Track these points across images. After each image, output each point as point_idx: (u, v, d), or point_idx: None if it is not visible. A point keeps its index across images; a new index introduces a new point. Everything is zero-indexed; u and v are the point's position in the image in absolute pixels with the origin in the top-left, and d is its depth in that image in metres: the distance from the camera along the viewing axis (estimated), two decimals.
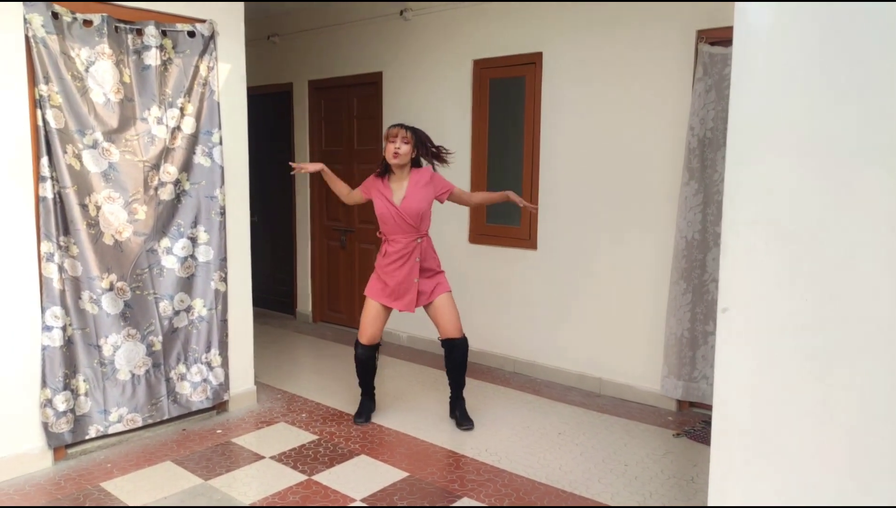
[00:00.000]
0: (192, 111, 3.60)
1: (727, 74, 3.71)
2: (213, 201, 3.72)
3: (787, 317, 1.49)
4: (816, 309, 1.45)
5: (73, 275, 3.26)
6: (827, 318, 1.45)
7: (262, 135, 6.03)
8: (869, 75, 1.35)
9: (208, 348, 3.80)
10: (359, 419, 3.89)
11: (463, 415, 3.83)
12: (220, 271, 3.78)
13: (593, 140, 4.34)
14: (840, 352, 1.45)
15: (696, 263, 3.91)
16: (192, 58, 3.58)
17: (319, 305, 6.33)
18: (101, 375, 3.39)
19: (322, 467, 3.31)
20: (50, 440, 3.23)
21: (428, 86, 5.17)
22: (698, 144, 3.82)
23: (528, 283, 4.76)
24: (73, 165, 3.19)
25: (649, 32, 4.04)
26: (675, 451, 3.53)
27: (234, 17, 3.83)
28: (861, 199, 1.37)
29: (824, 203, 1.42)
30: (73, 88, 3.16)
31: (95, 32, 3.23)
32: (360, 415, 3.91)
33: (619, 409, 4.14)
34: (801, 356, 1.49)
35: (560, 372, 4.63)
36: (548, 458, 3.43)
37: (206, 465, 3.32)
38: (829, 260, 1.43)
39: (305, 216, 6.29)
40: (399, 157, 3.54)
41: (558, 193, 4.54)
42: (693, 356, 3.99)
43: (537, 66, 4.55)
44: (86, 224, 3.26)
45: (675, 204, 3.98)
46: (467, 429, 3.77)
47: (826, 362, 1.46)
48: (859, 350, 1.41)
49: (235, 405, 4.03)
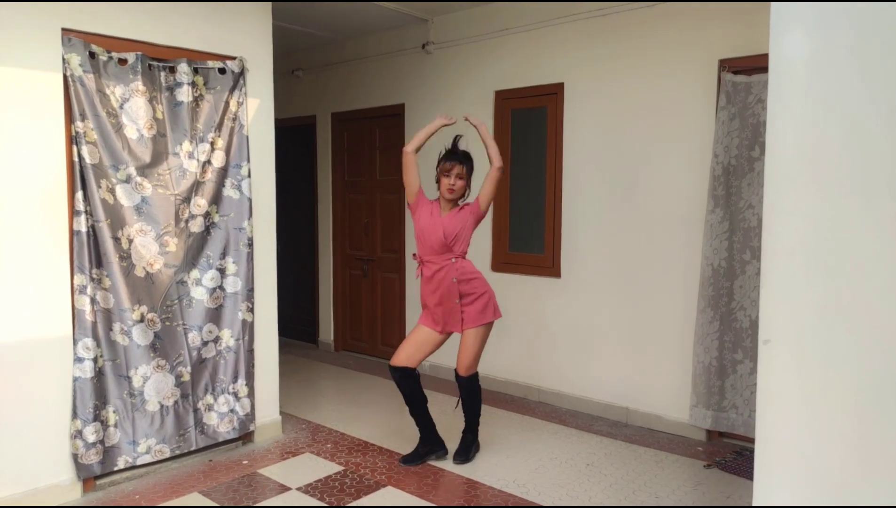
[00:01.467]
0: (223, 145, 3.67)
1: (750, 102, 3.72)
2: (242, 233, 3.77)
3: (829, 349, 1.48)
4: (859, 341, 1.44)
5: (105, 307, 3.30)
6: (870, 350, 1.43)
7: (285, 166, 6.12)
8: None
9: (235, 378, 3.82)
10: (407, 461, 3.70)
11: (460, 448, 3.75)
12: (247, 302, 3.82)
13: (616, 168, 4.36)
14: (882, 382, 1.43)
15: (723, 290, 3.88)
16: (223, 94, 3.66)
17: (341, 334, 6.34)
18: (131, 406, 3.41)
19: (349, 498, 3.29)
20: (80, 472, 3.24)
21: None
22: (723, 172, 3.82)
23: (551, 311, 4.74)
24: (107, 199, 3.26)
25: (671, 62, 4.07)
26: (707, 483, 3.46)
27: (264, 53, 3.92)
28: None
29: (865, 233, 1.42)
30: (107, 124, 3.24)
31: (130, 70, 3.32)
32: (410, 458, 3.71)
33: (647, 439, 4.08)
34: (845, 387, 1.47)
35: (586, 402, 4.58)
36: (577, 490, 3.38)
37: (232, 496, 3.31)
38: (871, 291, 1.41)
39: (328, 245, 6.34)
40: (454, 192, 3.54)
41: (581, 221, 4.54)
42: (722, 386, 3.94)
43: (559, 96, 4.59)
44: (118, 257, 3.31)
45: (701, 232, 3.96)
46: (458, 462, 3.69)
47: (869, 395, 1.44)
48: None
49: (261, 436, 4.03)
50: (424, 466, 3.67)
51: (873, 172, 1.41)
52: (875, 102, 1.40)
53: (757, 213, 3.74)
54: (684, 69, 4.02)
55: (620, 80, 4.30)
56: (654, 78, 4.15)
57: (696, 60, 3.97)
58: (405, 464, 3.68)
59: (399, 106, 5.58)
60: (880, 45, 1.39)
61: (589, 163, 4.48)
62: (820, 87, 1.48)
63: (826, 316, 1.48)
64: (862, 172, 1.43)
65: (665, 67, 4.10)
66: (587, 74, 4.45)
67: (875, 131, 1.40)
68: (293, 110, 6.47)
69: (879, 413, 1.44)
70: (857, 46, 1.43)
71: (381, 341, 6.01)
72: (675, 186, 4.10)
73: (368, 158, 5.98)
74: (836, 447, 1.51)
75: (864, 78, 1.43)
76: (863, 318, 1.44)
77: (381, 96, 5.73)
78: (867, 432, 1.46)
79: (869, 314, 1.43)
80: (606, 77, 4.36)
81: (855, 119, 1.42)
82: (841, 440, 1.50)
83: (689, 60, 3.99)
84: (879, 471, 1.45)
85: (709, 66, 3.92)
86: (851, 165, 1.44)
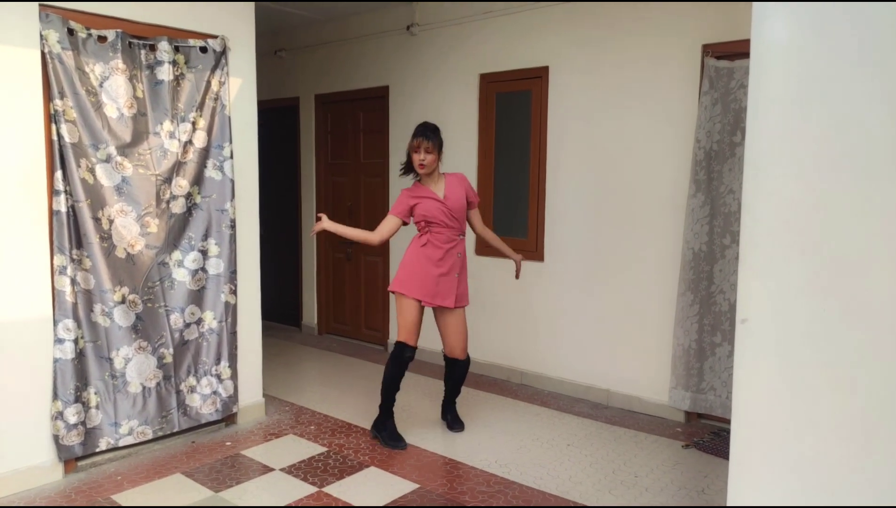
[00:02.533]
0: (204, 125, 3.63)
1: (733, 87, 3.75)
2: (224, 214, 3.74)
3: (805, 327, 1.51)
4: (835, 319, 1.47)
5: (86, 288, 3.28)
6: (845, 327, 1.47)
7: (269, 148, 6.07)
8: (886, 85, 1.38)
9: (218, 360, 3.81)
10: (401, 444, 3.69)
11: (455, 418, 3.97)
12: (230, 284, 3.80)
13: (600, 153, 4.38)
14: (859, 361, 1.46)
15: (703, 274, 3.93)
16: (204, 73, 3.62)
17: (325, 317, 6.34)
18: (113, 387, 3.40)
19: (332, 479, 3.31)
20: (60, 453, 3.23)
21: (434, 100, 5.22)
22: (705, 157, 3.85)
23: (535, 294, 4.77)
24: (87, 178, 3.22)
25: (655, 47, 4.09)
26: (685, 462, 3.53)
27: (246, 32, 3.88)
28: (881, 208, 1.39)
29: (843, 213, 1.44)
30: (87, 102, 3.20)
31: (109, 48, 3.27)
32: (400, 439, 3.71)
33: (627, 420, 4.14)
34: (819, 365, 1.50)
35: (568, 384, 4.63)
36: (557, 469, 3.43)
37: (215, 477, 3.32)
38: (847, 270, 1.45)
39: (311, 228, 6.31)
40: (425, 167, 3.58)
41: (565, 204, 4.57)
42: (701, 368, 4.00)
43: (543, 79, 4.59)
44: (98, 237, 3.28)
45: (682, 216, 4.00)
46: (458, 431, 3.90)
47: (844, 371, 1.48)
48: (878, 359, 1.43)
49: (244, 418, 4.03)
50: (409, 447, 3.70)
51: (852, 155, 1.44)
52: (853, 86, 1.42)
53: (737, 198, 3.78)
54: (668, 54, 4.04)
55: (605, 64, 4.30)
56: (639, 63, 4.16)
57: (679, 45, 3.99)
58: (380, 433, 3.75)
59: (383, 88, 5.55)
60: (859, 30, 1.41)
61: (573, 147, 4.50)
62: (800, 71, 1.51)
63: (803, 296, 1.51)
64: (841, 155, 1.46)
65: (649, 52, 4.11)
66: (572, 57, 4.45)
67: (853, 115, 1.43)
68: (276, 92, 6.41)
69: (855, 392, 1.48)
70: (837, 32, 1.45)
71: (365, 324, 6.01)
72: (657, 170, 4.13)
73: (352, 141, 5.94)
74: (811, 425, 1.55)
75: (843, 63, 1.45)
76: (840, 298, 1.48)
77: (365, 78, 5.69)
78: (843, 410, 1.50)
79: (846, 294, 1.47)
80: (591, 61, 4.37)
81: (834, 103, 1.45)
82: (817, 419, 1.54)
83: (673, 45, 4.01)
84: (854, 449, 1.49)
85: (692, 51, 3.94)
86: (830, 148, 1.47)
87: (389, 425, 3.76)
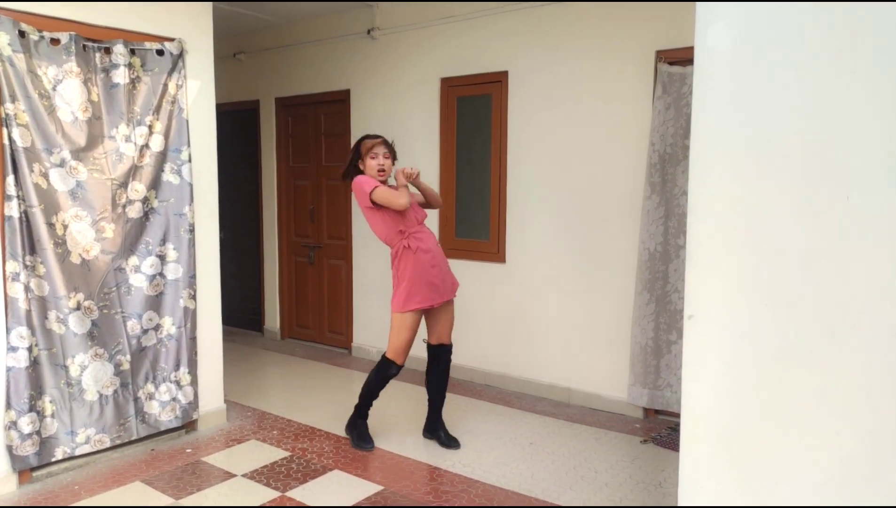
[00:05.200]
0: (161, 129, 3.59)
1: (685, 92, 3.87)
2: (182, 219, 3.70)
3: (748, 322, 1.58)
4: (776, 313, 1.54)
5: (40, 295, 3.21)
6: (786, 321, 1.54)
7: (228, 151, 6.01)
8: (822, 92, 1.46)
9: (177, 366, 3.76)
10: (369, 445, 3.73)
11: (448, 435, 3.78)
12: (189, 289, 3.76)
13: (558, 156, 4.46)
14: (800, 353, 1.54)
15: (658, 274, 4.03)
16: (161, 76, 3.58)
17: (288, 321, 6.30)
18: (68, 395, 3.33)
19: (295, 483, 3.30)
20: (14, 464, 3.16)
21: (396, 104, 5.24)
22: (659, 160, 3.96)
23: (497, 296, 4.83)
24: (40, 183, 3.16)
25: (611, 53, 4.18)
26: (643, 457, 3.62)
27: (204, 35, 3.84)
28: (817, 208, 1.47)
29: (783, 211, 1.52)
30: (40, 106, 3.14)
31: (63, 51, 3.21)
32: (369, 441, 3.75)
33: (588, 418, 4.22)
34: (763, 359, 1.58)
35: (530, 383, 4.70)
36: (520, 467, 3.48)
37: (176, 485, 3.28)
38: (786, 266, 1.52)
39: (273, 232, 6.27)
40: (385, 173, 3.57)
41: (525, 207, 4.64)
42: (657, 365, 4.10)
43: (503, 84, 4.66)
44: (53, 243, 3.22)
45: (638, 217, 4.10)
46: (455, 448, 3.72)
47: (787, 363, 1.55)
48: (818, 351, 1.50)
49: (205, 424, 3.99)
50: (375, 450, 3.71)
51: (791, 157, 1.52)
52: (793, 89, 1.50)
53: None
54: (623, 59, 4.14)
55: (562, 69, 4.39)
56: (595, 68, 4.25)
57: (634, 51, 4.09)
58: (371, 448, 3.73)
59: (344, 92, 5.55)
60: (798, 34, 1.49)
61: (533, 150, 4.57)
62: (741, 76, 1.58)
63: (745, 293, 1.58)
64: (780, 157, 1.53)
65: (605, 58, 4.21)
66: (530, 62, 4.53)
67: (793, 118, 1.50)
68: (236, 95, 6.35)
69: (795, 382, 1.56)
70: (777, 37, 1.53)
71: (328, 328, 5.99)
72: (615, 172, 4.23)
73: (314, 144, 5.93)
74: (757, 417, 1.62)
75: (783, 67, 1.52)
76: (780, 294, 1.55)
77: (326, 82, 5.68)
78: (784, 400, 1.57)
79: (786, 291, 1.54)
80: (549, 66, 4.45)
81: (774, 107, 1.52)
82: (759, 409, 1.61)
83: (628, 51, 4.11)
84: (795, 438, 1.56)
85: (646, 57, 4.05)
86: (770, 150, 1.54)
87: (360, 425, 3.78)
